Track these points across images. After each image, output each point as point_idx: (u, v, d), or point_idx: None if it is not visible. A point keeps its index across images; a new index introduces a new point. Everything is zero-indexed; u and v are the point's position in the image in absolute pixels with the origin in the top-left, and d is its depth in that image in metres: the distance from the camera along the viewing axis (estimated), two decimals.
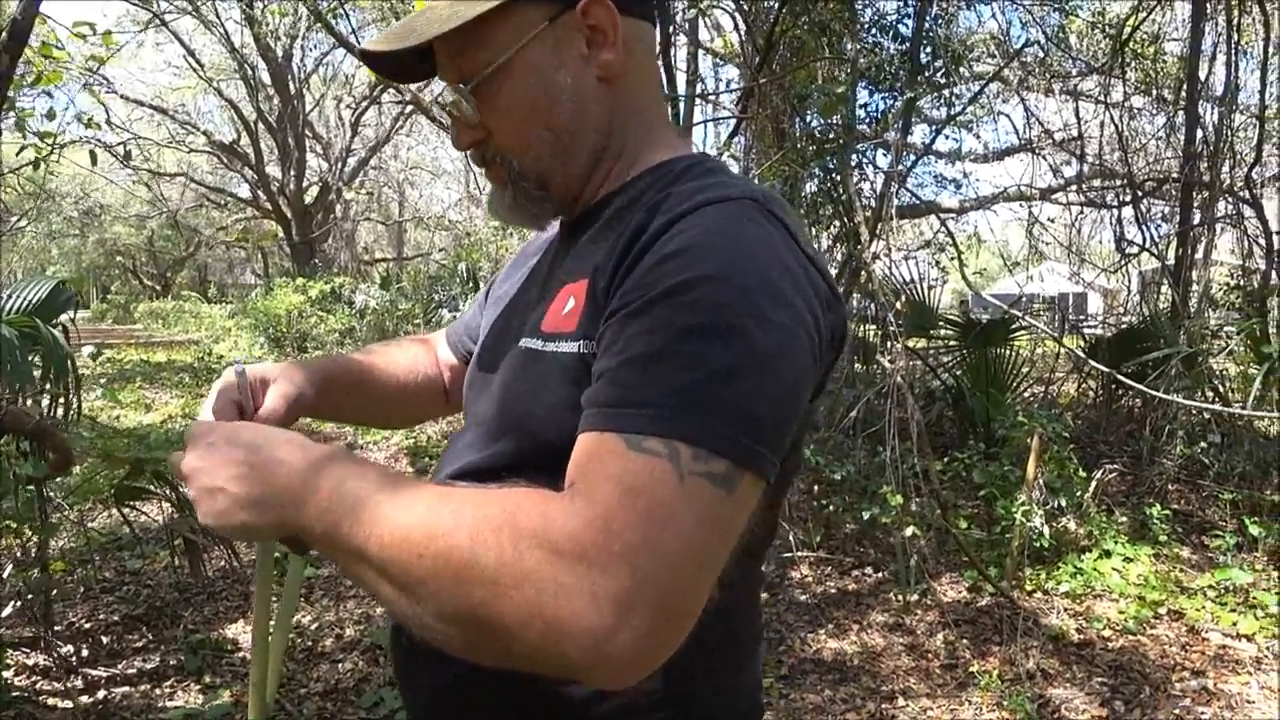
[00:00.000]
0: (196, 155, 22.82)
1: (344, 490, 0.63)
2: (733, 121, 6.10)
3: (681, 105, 5.05)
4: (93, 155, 3.78)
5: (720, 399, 0.60)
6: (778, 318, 0.63)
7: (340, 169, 19.77)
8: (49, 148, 3.30)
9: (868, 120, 5.57)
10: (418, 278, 15.08)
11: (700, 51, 6.77)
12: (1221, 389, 5.40)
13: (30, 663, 3.03)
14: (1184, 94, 6.74)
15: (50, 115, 3.15)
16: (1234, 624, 3.42)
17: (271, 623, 0.94)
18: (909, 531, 3.63)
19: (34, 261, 30.33)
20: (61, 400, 3.21)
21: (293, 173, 19.14)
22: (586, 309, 0.72)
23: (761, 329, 0.62)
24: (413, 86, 12.76)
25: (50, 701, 2.80)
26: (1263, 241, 6.69)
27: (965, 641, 3.33)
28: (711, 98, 7.44)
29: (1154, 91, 7.73)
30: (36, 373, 3.13)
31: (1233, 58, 6.47)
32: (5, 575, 2.98)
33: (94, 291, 38.20)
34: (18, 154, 3.12)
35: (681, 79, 5.61)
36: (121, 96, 18.19)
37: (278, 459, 0.67)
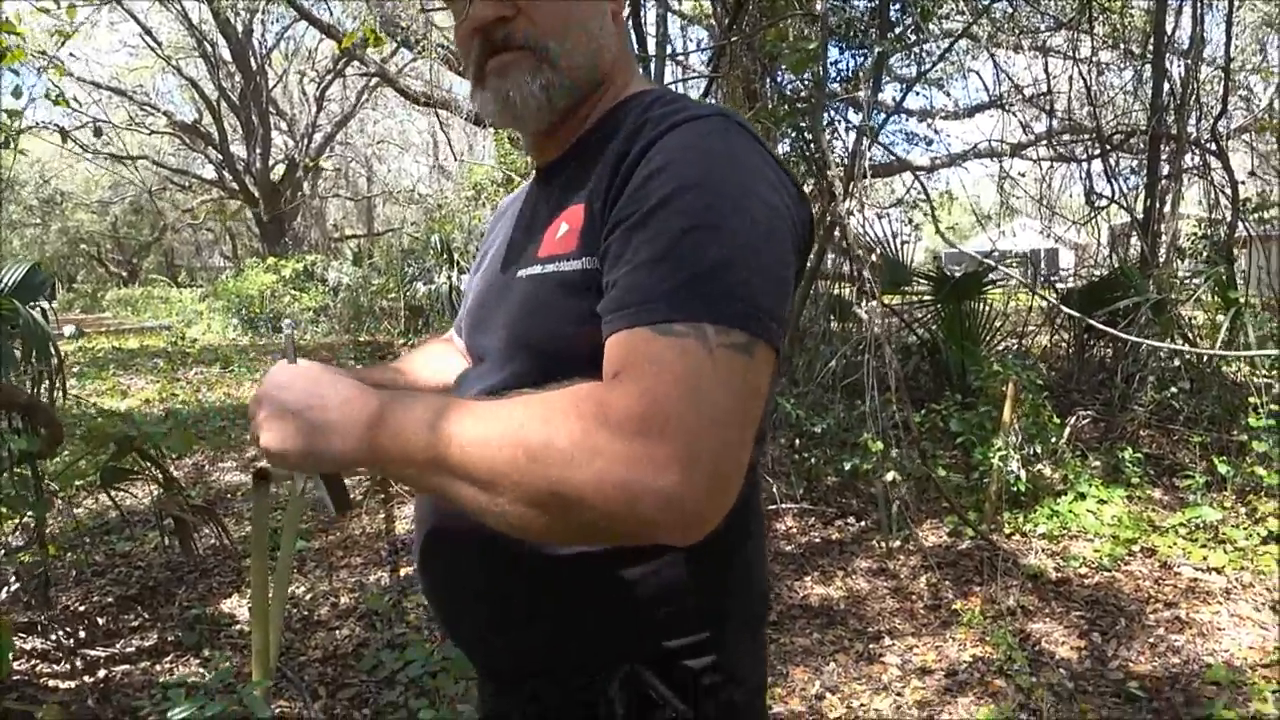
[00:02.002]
0: (158, 137, 22.36)
1: (414, 413, 0.70)
2: (703, 82, 6.09)
3: (652, 66, 5.03)
4: (63, 133, 3.71)
5: (725, 283, 0.68)
6: (758, 213, 0.72)
7: (306, 145, 19.48)
8: (15, 127, 3.24)
9: (839, 78, 5.59)
10: (390, 252, 14.97)
11: (669, 14, 6.73)
12: (1190, 335, 5.52)
13: (28, 647, 3.04)
14: (1150, 47, 6.78)
15: (16, 93, 3.10)
16: (1204, 559, 3.55)
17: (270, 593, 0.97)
18: (890, 476, 3.72)
19: None
20: (45, 382, 3.20)
21: (258, 150, 18.84)
22: (585, 230, 0.78)
23: (748, 223, 0.71)
24: (376, 58, 12.56)
25: (51, 683, 2.82)
26: (1229, 192, 6.79)
27: (948, 583, 3.43)
28: (681, 58, 7.41)
29: (1121, 46, 7.78)
30: (17, 354, 3.11)
31: (1199, 10, 6.52)
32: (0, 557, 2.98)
33: (59, 281, 37.47)
34: None
35: (651, 42, 5.58)
36: (77, 79, 17.76)
37: (352, 393, 0.74)
